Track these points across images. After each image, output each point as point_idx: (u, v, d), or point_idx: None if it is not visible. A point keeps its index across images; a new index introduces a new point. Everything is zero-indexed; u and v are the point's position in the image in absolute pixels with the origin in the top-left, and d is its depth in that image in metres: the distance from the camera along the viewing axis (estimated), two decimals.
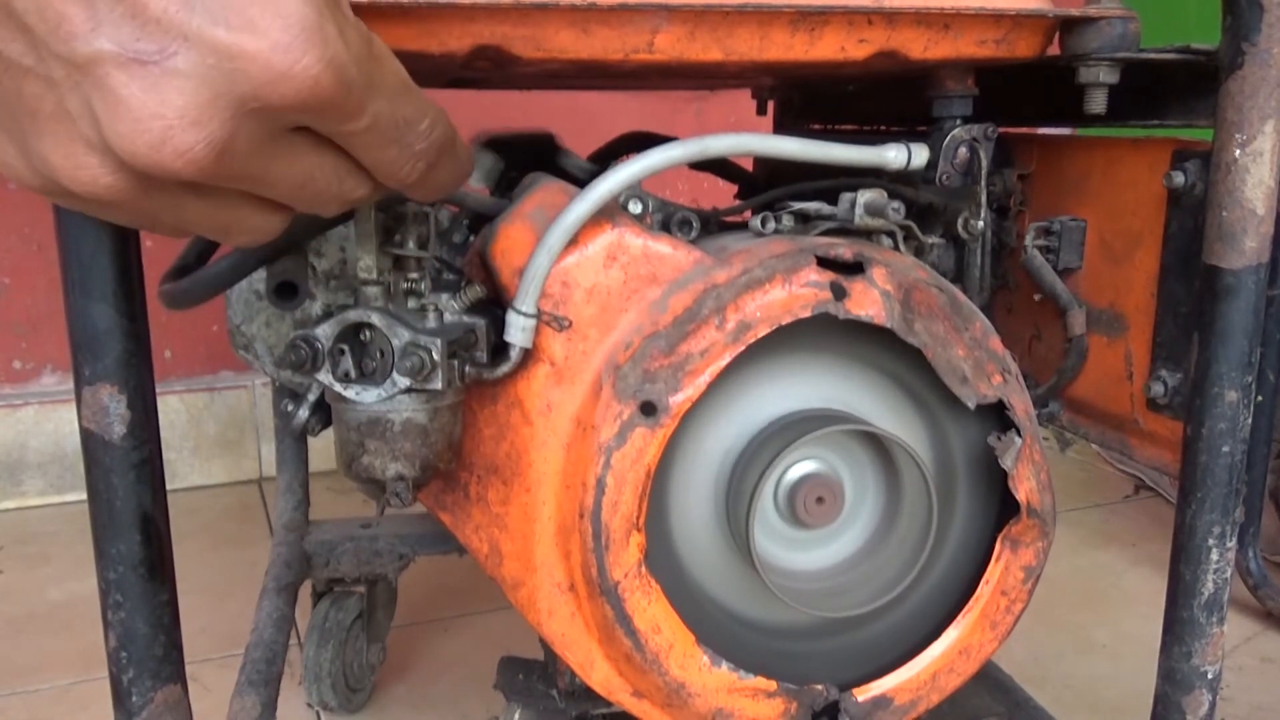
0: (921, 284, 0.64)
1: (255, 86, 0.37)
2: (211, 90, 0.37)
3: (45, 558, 1.59)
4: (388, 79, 0.43)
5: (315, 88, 0.38)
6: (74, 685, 1.23)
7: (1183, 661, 0.65)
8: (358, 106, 0.41)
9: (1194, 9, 1.59)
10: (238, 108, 0.37)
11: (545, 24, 0.57)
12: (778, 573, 0.66)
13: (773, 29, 0.60)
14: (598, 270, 0.63)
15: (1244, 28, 0.57)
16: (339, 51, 0.38)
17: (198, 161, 0.38)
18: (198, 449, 1.87)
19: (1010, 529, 0.67)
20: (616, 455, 0.60)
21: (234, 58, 0.36)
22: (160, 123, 0.36)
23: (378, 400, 0.59)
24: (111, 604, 0.52)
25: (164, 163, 0.37)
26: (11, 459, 1.79)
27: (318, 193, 0.44)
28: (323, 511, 1.33)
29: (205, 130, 0.37)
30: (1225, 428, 0.61)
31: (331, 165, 0.44)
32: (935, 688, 0.69)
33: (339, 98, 0.39)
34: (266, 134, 0.40)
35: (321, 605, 1.11)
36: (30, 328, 1.82)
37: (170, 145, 0.37)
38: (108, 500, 0.51)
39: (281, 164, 0.42)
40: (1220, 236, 0.59)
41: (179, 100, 0.36)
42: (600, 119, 1.14)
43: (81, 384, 0.50)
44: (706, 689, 0.64)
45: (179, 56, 0.36)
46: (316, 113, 0.40)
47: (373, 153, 0.44)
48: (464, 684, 1.22)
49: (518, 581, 0.66)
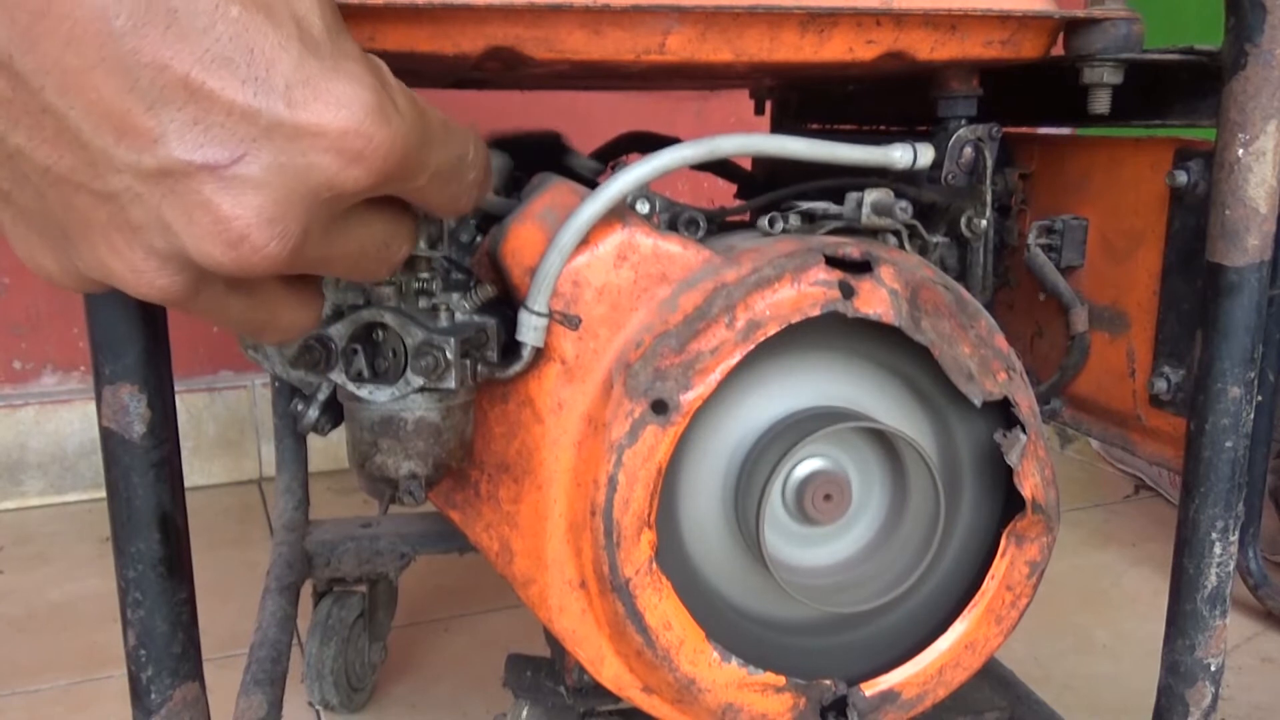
0: (928, 282, 0.65)
1: (329, 177, 0.37)
2: (286, 187, 0.36)
3: (45, 558, 1.59)
4: (436, 130, 0.43)
5: (385, 164, 0.38)
6: (74, 685, 1.23)
7: (1186, 654, 0.66)
8: (421, 164, 0.41)
9: (1193, 9, 1.60)
10: (312, 200, 0.37)
11: (558, 25, 0.57)
12: (786, 569, 0.66)
13: (783, 30, 0.60)
14: (608, 269, 0.63)
15: (1247, 29, 0.58)
16: (399, 124, 0.38)
17: (274, 257, 0.37)
18: (198, 449, 1.87)
19: (1015, 524, 0.68)
20: (628, 453, 0.61)
21: (305, 153, 0.36)
22: (237, 224, 0.36)
23: (391, 399, 0.60)
24: (131, 602, 0.52)
25: (241, 261, 0.37)
26: (11, 459, 1.78)
27: (368, 263, 0.44)
28: (323, 512, 1.34)
29: (281, 226, 0.37)
30: (1228, 423, 0.62)
31: (380, 232, 0.44)
32: (942, 682, 0.69)
33: (407, 165, 0.40)
34: (335, 217, 0.40)
35: (324, 603, 1.11)
36: (30, 328, 1.81)
37: (248, 244, 0.36)
38: (127, 499, 0.51)
39: (339, 245, 0.42)
40: (1223, 234, 0.60)
41: (254, 201, 0.36)
42: (599, 119, 1.15)
43: (102, 383, 0.50)
44: (716, 684, 0.65)
45: (249, 159, 0.36)
46: (388, 184, 0.40)
47: (435, 197, 0.44)
48: (464, 684, 1.22)
49: (528, 579, 0.66)
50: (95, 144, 0.35)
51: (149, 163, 0.35)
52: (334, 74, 0.37)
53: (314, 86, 0.36)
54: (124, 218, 0.37)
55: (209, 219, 0.36)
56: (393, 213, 0.45)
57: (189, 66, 0.34)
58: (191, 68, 0.34)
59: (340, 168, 0.37)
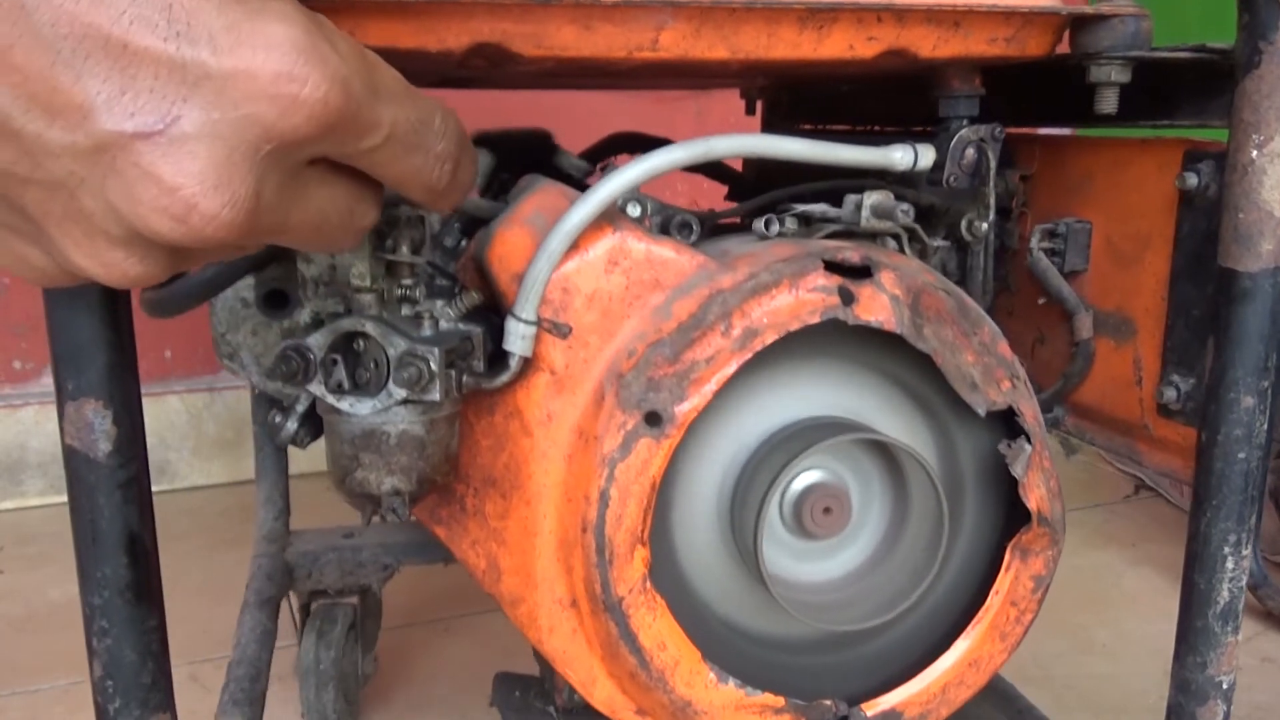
0: (930, 288, 0.62)
1: (266, 127, 0.35)
2: (225, 146, 0.35)
3: (45, 558, 1.58)
4: (389, 84, 0.40)
5: (325, 108, 0.36)
6: (74, 685, 1.22)
7: (1197, 672, 0.64)
8: (372, 118, 0.39)
9: (1194, 9, 1.59)
10: (255, 155, 0.36)
11: (547, 21, 0.55)
12: (784, 585, 0.64)
13: (780, 26, 0.58)
14: (599, 275, 0.61)
15: (1261, 26, 0.56)
16: (338, 66, 0.36)
17: (229, 224, 0.36)
18: (197, 449, 1.86)
19: (1021, 538, 0.66)
20: (620, 467, 0.58)
21: (238, 104, 0.35)
22: (182, 193, 0.34)
23: (373, 412, 0.57)
24: (97, 630, 0.49)
25: (195, 232, 0.35)
26: (11, 459, 1.78)
27: (331, 230, 0.42)
28: (324, 513, 1.32)
29: (229, 189, 0.35)
30: (1241, 434, 0.60)
31: (343, 197, 0.42)
32: (945, 701, 0.67)
33: (350, 112, 0.37)
34: (286, 176, 0.38)
35: (309, 641, 1.07)
36: (30, 328, 1.81)
37: (197, 214, 0.35)
38: (92, 521, 0.48)
39: (298, 209, 0.40)
40: (1237, 239, 0.58)
41: (195, 165, 0.34)
42: (600, 119, 1.12)
43: (64, 399, 0.47)
44: (713, 707, 0.62)
45: (183, 120, 0.34)
46: (333, 134, 0.38)
47: (397, 165, 0.42)
48: (464, 684, 1.21)
49: (517, 598, 0.64)
50: (29, 130, 0.34)
51: (83, 142, 0.34)
52: (259, 15, 0.35)
53: (239, 30, 0.34)
54: (76, 207, 0.36)
55: (152, 192, 0.34)
56: (355, 177, 0.43)
57: (108, 30, 0.33)
58: (111, 31, 0.33)
59: (277, 115, 0.35)
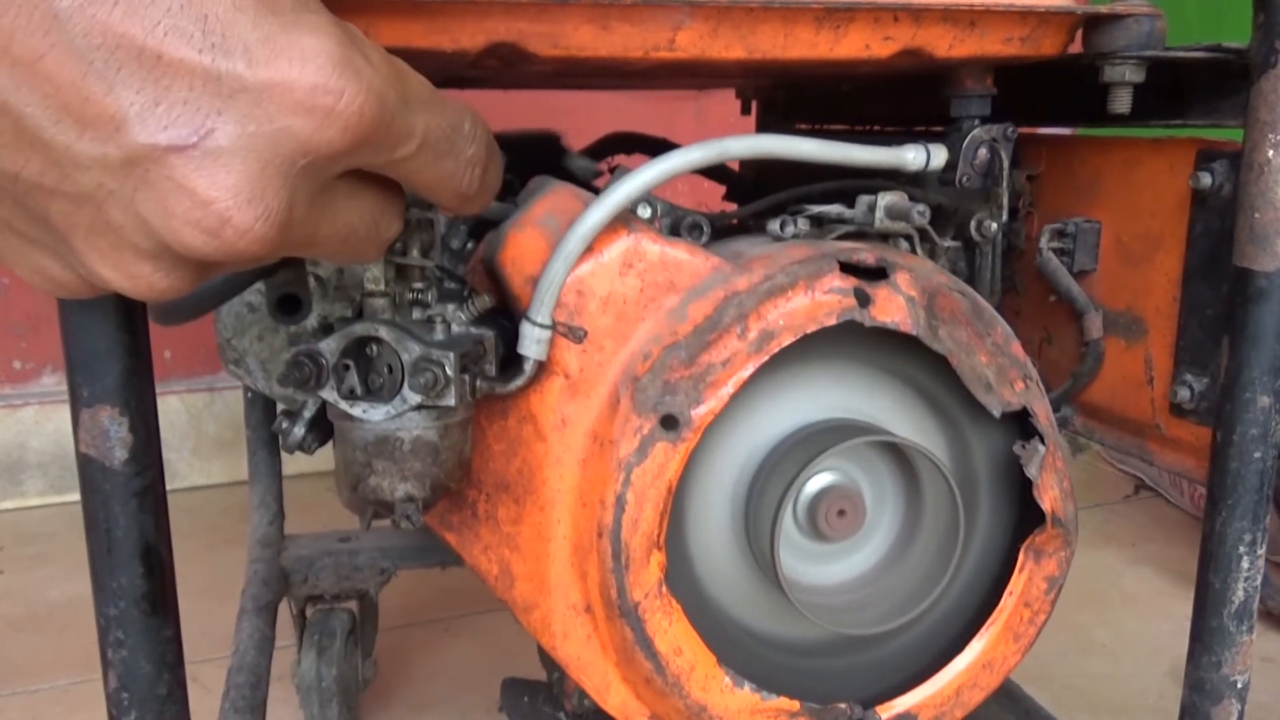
0: (944, 289, 0.62)
1: (301, 140, 0.34)
2: (260, 159, 0.34)
3: (45, 558, 1.58)
4: (419, 92, 0.40)
5: (361, 121, 0.35)
6: (74, 685, 1.22)
7: (1212, 671, 0.64)
8: (405, 128, 0.38)
9: (1194, 9, 1.60)
10: (289, 169, 0.35)
11: (564, 20, 0.54)
12: (798, 588, 0.64)
13: (797, 26, 0.57)
14: (614, 278, 0.60)
15: (1278, 26, 0.56)
16: (372, 77, 0.36)
17: (261, 238, 0.35)
18: (197, 449, 1.86)
19: (1034, 539, 0.65)
20: (637, 471, 0.58)
21: (273, 117, 0.34)
22: (216, 207, 0.34)
23: (386, 418, 0.56)
24: (112, 642, 0.48)
25: (227, 246, 0.34)
26: (11, 459, 1.77)
27: (358, 242, 0.42)
28: (324, 514, 1.31)
29: (263, 203, 0.34)
30: (1257, 433, 0.60)
31: (369, 209, 0.41)
32: (959, 703, 0.67)
33: (385, 123, 0.37)
34: (318, 189, 0.37)
35: (309, 658, 1.05)
36: (30, 328, 1.80)
37: (230, 227, 0.34)
38: (108, 530, 0.47)
39: (327, 222, 0.39)
40: (1252, 239, 0.58)
41: (229, 179, 0.34)
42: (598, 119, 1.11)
43: (79, 406, 0.46)
44: (729, 711, 0.62)
45: (217, 133, 0.33)
46: (368, 146, 0.37)
47: (428, 172, 0.41)
48: (465, 684, 1.21)
49: (530, 604, 0.63)
50: (58, 141, 0.33)
51: (115, 154, 0.33)
52: (294, 28, 0.34)
53: (274, 43, 0.34)
54: (103, 220, 0.35)
55: (185, 205, 0.34)
56: (381, 187, 0.42)
57: (142, 41, 0.32)
58: (145, 42, 0.32)
59: (314, 129, 0.35)
